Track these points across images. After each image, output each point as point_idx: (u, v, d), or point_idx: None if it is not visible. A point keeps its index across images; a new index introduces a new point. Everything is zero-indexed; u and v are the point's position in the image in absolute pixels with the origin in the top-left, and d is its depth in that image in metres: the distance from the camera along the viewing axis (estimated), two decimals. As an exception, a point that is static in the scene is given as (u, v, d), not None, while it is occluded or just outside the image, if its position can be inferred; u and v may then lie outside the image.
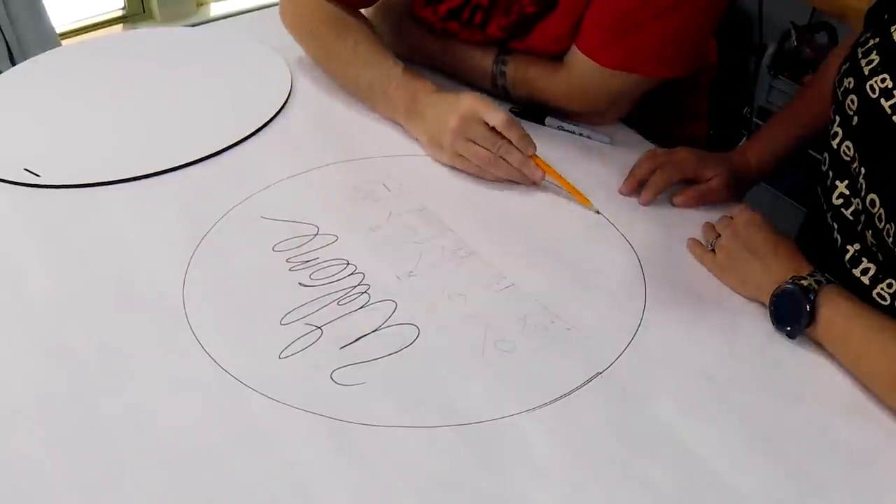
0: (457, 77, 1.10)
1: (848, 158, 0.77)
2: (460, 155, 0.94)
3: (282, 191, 0.93)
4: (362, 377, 0.72)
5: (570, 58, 0.99)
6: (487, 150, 0.92)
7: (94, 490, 0.63)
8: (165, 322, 0.77)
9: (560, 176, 0.92)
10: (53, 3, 2.00)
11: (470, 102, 0.93)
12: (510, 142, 0.91)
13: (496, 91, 1.07)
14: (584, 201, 0.91)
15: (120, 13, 2.31)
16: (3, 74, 1.18)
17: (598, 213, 0.90)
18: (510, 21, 1.01)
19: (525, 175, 0.93)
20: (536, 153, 0.92)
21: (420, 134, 0.99)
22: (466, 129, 0.92)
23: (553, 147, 1.01)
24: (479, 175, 0.95)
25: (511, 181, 0.94)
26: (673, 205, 0.93)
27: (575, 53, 0.98)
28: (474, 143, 0.93)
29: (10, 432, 0.67)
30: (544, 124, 1.05)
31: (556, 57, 1.01)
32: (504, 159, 0.92)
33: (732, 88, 1.92)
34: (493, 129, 0.92)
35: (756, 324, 0.78)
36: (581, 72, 0.98)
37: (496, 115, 0.91)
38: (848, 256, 0.78)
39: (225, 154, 0.99)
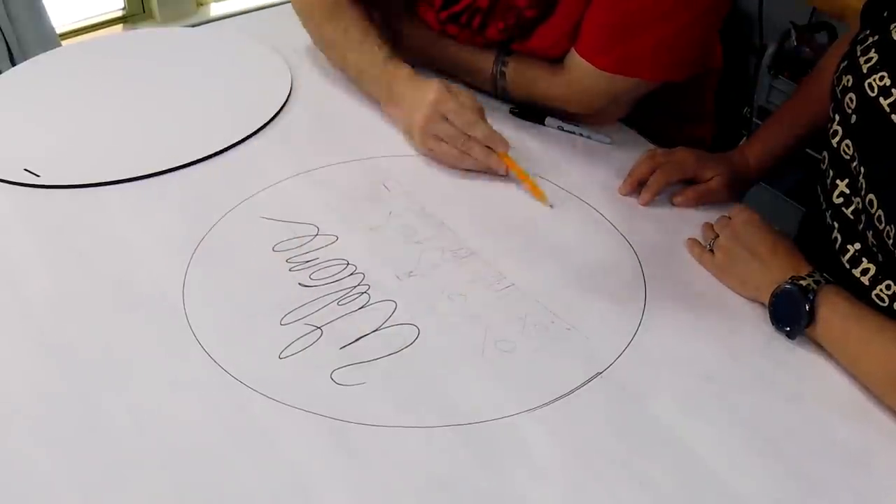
0: (458, 78, 1.10)
1: (848, 157, 0.77)
2: (431, 148, 0.96)
3: (282, 191, 0.93)
4: (362, 377, 0.72)
5: (569, 61, 0.99)
6: (454, 146, 0.94)
7: (94, 490, 0.63)
8: (165, 322, 0.77)
9: (521, 171, 0.94)
10: (53, 3, 2.00)
11: (435, 98, 0.94)
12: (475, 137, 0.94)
13: (496, 92, 1.07)
14: (539, 196, 0.92)
15: (120, 13, 2.31)
16: (3, 74, 1.18)
17: (551, 206, 0.92)
18: (508, 25, 1.01)
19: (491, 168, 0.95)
20: (505, 156, 0.94)
21: (396, 121, 1.02)
22: (433, 126, 0.95)
23: (553, 147, 1.01)
24: (451, 166, 0.96)
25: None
26: (673, 205, 0.93)
27: (573, 57, 0.98)
28: (441, 139, 0.95)
29: (10, 432, 0.67)
30: (544, 124, 1.05)
31: (556, 60, 1.01)
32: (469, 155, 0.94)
33: (733, 89, 1.92)
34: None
35: (756, 324, 0.78)
36: (579, 75, 0.98)
37: (459, 116, 0.93)
38: (848, 256, 0.78)
39: (225, 154, 0.98)
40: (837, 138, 0.78)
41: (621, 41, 0.94)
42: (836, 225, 0.80)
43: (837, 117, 0.79)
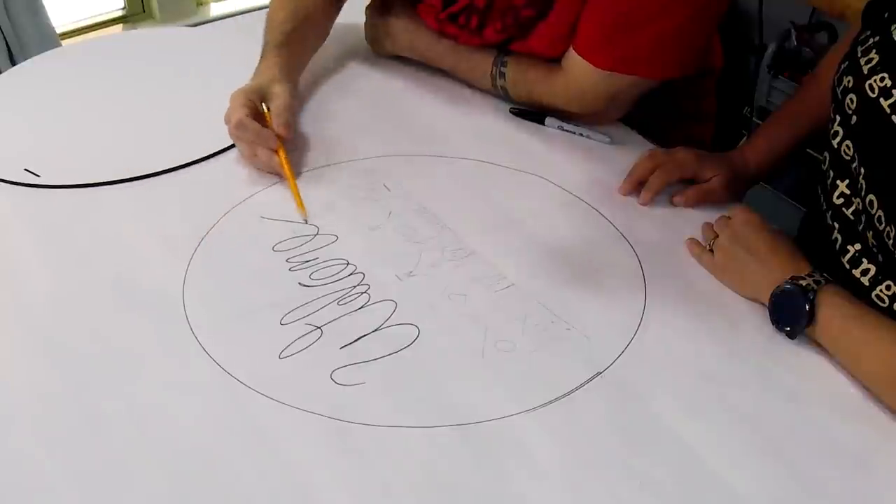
0: (458, 78, 1.10)
1: (848, 158, 0.77)
2: (236, 138, 0.96)
3: (282, 191, 0.93)
4: (362, 377, 0.72)
5: (567, 60, 0.99)
6: (242, 144, 0.95)
7: (94, 490, 0.63)
8: (165, 322, 0.77)
9: (292, 178, 0.92)
10: (53, 3, 2.00)
11: (229, 103, 0.95)
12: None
13: (496, 92, 1.07)
14: (300, 207, 0.90)
15: (120, 13, 2.31)
16: (3, 74, 1.18)
17: (306, 222, 0.88)
18: (506, 24, 1.01)
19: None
20: (279, 146, 0.93)
21: None
22: (231, 129, 0.94)
23: (553, 147, 1.01)
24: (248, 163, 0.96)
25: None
26: (673, 205, 0.93)
27: (571, 56, 0.98)
28: (240, 139, 0.95)
29: (9, 432, 0.67)
30: (544, 124, 1.05)
31: (556, 60, 1.01)
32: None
33: (733, 89, 1.92)
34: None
35: (756, 324, 0.78)
36: (578, 74, 0.98)
37: (233, 116, 0.93)
38: (848, 257, 0.78)
39: (225, 154, 0.99)
40: (838, 139, 0.78)
41: (618, 39, 0.94)
42: (836, 225, 0.80)
43: (838, 118, 0.78)
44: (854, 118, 0.76)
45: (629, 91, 1.00)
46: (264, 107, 0.96)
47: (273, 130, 0.93)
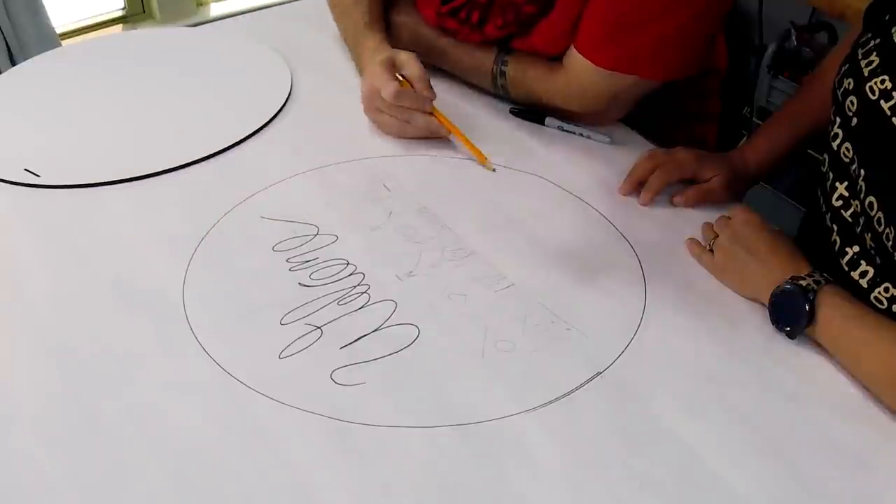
0: (458, 76, 1.10)
1: (847, 160, 0.77)
2: (374, 119, 1.01)
3: (282, 191, 0.93)
4: (362, 377, 0.72)
5: (568, 59, 0.99)
6: (393, 116, 0.98)
7: (94, 490, 0.63)
8: (165, 322, 0.77)
9: (460, 132, 0.97)
10: (53, 3, 2.00)
11: (369, 76, 0.99)
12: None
13: (497, 91, 1.07)
14: (481, 159, 0.96)
15: (120, 13, 2.31)
16: (3, 74, 1.18)
17: (493, 170, 0.95)
18: (507, 21, 1.01)
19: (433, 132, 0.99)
20: (436, 108, 0.98)
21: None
22: (373, 100, 0.99)
23: (553, 147, 1.01)
24: (396, 136, 1.00)
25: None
26: (673, 205, 0.93)
27: (573, 54, 0.98)
28: (382, 111, 0.99)
29: (9, 432, 0.67)
30: (544, 124, 1.05)
31: (557, 58, 1.01)
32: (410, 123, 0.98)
33: (733, 89, 1.92)
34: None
35: (756, 324, 0.78)
36: (579, 73, 0.98)
37: (387, 88, 0.96)
38: (846, 259, 0.78)
39: (225, 154, 0.99)
40: (838, 141, 0.78)
41: (620, 38, 0.94)
42: (835, 227, 0.80)
43: (838, 120, 0.78)
44: (854, 120, 0.76)
45: (630, 91, 1.00)
46: (398, 77, 0.99)
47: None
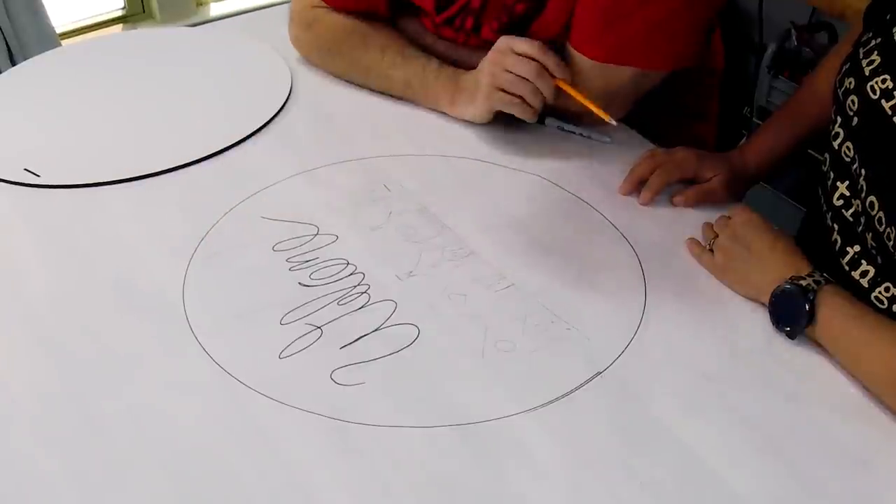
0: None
1: (848, 159, 0.77)
2: (498, 89, 0.97)
3: (282, 191, 0.93)
4: (362, 377, 0.72)
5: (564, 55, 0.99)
6: (523, 77, 0.95)
7: (94, 490, 0.63)
8: (165, 322, 0.77)
9: (582, 96, 0.96)
10: (53, 3, 2.00)
11: (503, 38, 0.97)
12: (543, 66, 0.95)
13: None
14: (602, 114, 0.94)
15: (120, 13, 2.31)
16: (3, 74, 1.18)
17: (615, 123, 0.94)
18: (501, 23, 1.01)
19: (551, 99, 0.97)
20: (564, 83, 0.96)
21: (464, 108, 1.03)
22: (502, 60, 0.96)
23: (553, 147, 1.01)
24: (518, 112, 0.97)
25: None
26: (673, 205, 0.93)
27: (567, 50, 0.98)
28: (510, 73, 0.96)
29: (9, 432, 0.67)
30: (544, 124, 1.04)
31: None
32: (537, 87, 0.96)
33: (733, 89, 1.92)
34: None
35: (756, 324, 0.78)
36: (574, 68, 0.98)
37: (528, 44, 0.95)
38: (847, 258, 0.78)
39: (225, 154, 0.99)
40: (839, 140, 0.78)
41: (611, 28, 0.94)
42: (835, 227, 0.80)
43: (839, 119, 0.78)
44: (855, 120, 0.76)
45: (626, 85, 0.99)
46: None
47: None
